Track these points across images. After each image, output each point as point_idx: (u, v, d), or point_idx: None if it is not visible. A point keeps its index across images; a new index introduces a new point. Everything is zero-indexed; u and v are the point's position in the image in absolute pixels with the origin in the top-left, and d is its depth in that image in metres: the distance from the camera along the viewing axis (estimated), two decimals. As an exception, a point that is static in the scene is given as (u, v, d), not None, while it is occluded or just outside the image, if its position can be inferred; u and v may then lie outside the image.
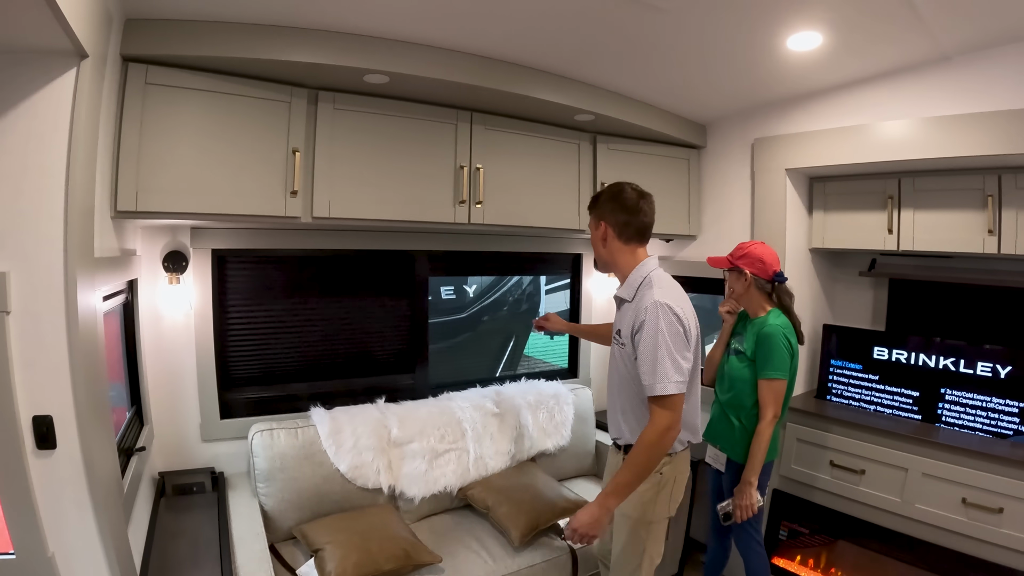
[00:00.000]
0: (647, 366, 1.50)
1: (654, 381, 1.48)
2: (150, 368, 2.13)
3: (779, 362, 1.95)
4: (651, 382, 1.49)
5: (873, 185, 2.40)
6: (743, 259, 2.09)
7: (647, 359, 1.50)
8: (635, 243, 1.67)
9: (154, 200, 1.67)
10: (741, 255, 2.10)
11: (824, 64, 2.12)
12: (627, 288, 1.64)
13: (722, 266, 2.17)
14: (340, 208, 1.97)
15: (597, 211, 1.68)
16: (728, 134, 2.85)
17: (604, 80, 2.30)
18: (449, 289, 3.49)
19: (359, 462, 2.16)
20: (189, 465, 2.23)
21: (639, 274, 1.63)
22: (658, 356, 1.48)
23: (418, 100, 2.12)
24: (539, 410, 2.67)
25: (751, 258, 2.07)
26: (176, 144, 1.71)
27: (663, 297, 1.53)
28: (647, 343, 1.50)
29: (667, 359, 1.48)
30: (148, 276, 2.13)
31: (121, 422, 1.89)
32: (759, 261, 2.06)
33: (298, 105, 1.89)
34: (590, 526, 1.52)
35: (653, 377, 1.48)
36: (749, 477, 1.95)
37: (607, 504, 1.52)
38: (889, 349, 2.44)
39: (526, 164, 2.42)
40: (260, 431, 2.11)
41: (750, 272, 2.07)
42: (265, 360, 2.40)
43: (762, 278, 2.06)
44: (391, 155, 2.08)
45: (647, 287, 1.57)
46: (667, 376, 1.47)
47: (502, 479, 2.42)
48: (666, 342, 1.48)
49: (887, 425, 2.24)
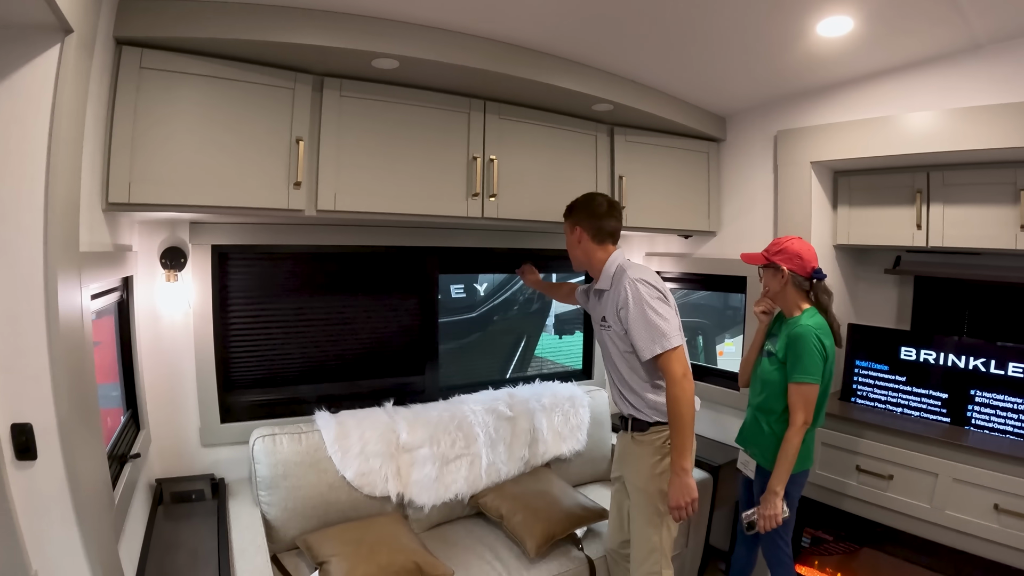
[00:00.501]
0: (640, 333, 1.66)
1: (652, 343, 1.64)
2: (147, 370, 2.03)
3: (810, 365, 1.85)
4: (649, 345, 1.65)
5: (900, 179, 2.30)
6: (779, 255, 1.99)
7: (638, 327, 1.66)
8: (608, 242, 1.87)
9: (148, 192, 1.56)
10: (777, 251, 2.00)
11: (852, 52, 2.02)
12: (604, 279, 1.83)
13: (757, 262, 2.07)
14: (346, 201, 1.86)
15: (572, 218, 1.91)
16: (749, 126, 2.75)
17: (624, 67, 2.19)
18: (459, 287, 3.38)
19: (366, 469, 2.06)
20: (188, 471, 2.13)
21: (611, 265, 1.82)
22: (647, 320, 1.65)
23: (429, 87, 2.01)
24: (554, 413, 2.56)
25: (788, 254, 1.97)
26: (172, 133, 1.60)
27: (636, 274, 1.73)
28: (634, 314, 1.66)
29: (657, 319, 1.64)
30: (145, 273, 2.03)
31: (115, 427, 1.80)
32: (797, 257, 1.95)
33: (302, 92, 1.78)
34: (685, 493, 1.64)
35: (651, 340, 1.64)
36: (775, 486, 1.86)
37: (684, 466, 1.63)
38: (917, 349, 2.35)
39: (542, 156, 2.31)
40: (262, 436, 2.00)
41: (787, 269, 1.96)
42: (267, 361, 2.30)
43: (800, 275, 1.96)
44: (400, 145, 1.97)
45: (620, 273, 1.77)
46: (662, 334, 1.64)
47: (516, 486, 2.32)
48: (651, 307, 1.65)
49: (916, 429, 2.16)
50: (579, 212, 1.89)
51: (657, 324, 1.65)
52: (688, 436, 1.65)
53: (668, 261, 3.14)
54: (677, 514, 1.67)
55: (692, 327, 3.61)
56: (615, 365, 1.83)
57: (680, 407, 1.63)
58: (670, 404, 1.65)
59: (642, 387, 1.78)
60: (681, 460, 1.64)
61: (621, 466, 1.96)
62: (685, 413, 1.63)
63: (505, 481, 2.35)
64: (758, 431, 2.02)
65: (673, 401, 1.64)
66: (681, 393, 1.63)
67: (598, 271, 1.87)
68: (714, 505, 2.62)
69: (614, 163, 2.52)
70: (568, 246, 1.95)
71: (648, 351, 1.66)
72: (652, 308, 1.67)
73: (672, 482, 1.67)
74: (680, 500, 1.65)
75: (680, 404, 1.63)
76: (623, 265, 1.81)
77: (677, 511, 1.67)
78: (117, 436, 1.77)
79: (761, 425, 2.00)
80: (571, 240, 1.92)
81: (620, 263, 1.82)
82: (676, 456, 1.65)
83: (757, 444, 2.03)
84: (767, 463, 1.96)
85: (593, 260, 1.88)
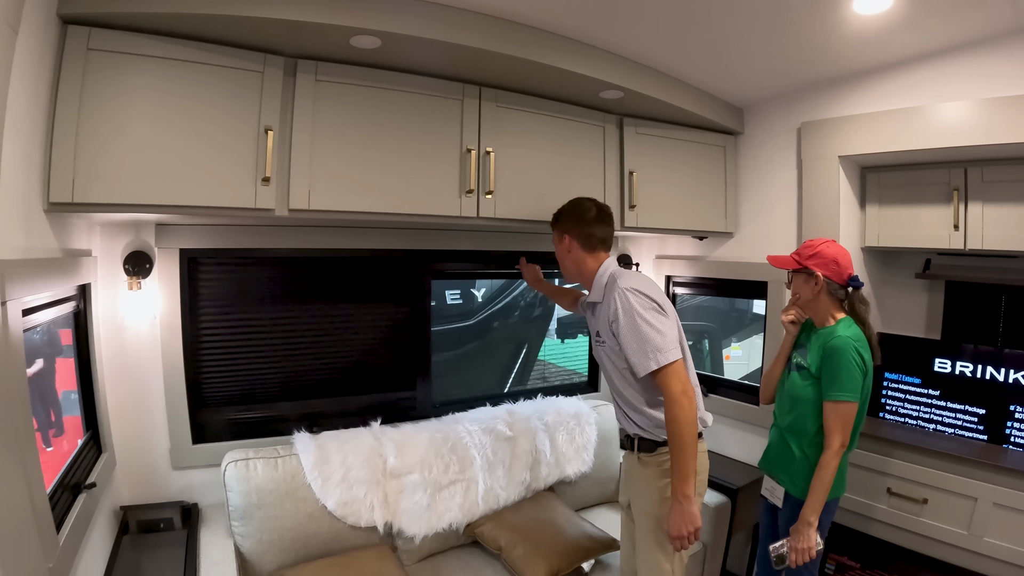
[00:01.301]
0: (633, 347, 1.54)
1: (646, 359, 1.52)
2: (110, 387, 1.85)
3: (849, 382, 1.67)
4: (643, 360, 1.53)
5: (935, 175, 2.12)
6: (813, 259, 1.79)
7: (630, 342, 1.54)
8: (599, 250, 1.76)
9: (96, 190, 1.37)
10: (811, 254, 1.80)
11: (888, 33, 1.84)
12: (595, 291, 1.71)
13: (787, 267, 1.87)
14: (322, 199, 1.66)
15: (560, 226, 1.79)
16: (769, 118, 2.54)
17: (635, 49, 1.98)
18: (455, 293, 3.18)
19: (349, 497, 1.86)
20: (158, 496, 1.95)
21: (602, 275, 1.70)
22: (640, 334, 1.53)
23: (416, 71, 1.81)
24: (558, 432, 2.35)
25: (823, 258, 1.78)
26: (124, 123, 1.41)
27: (627, 284, 1.60)
28: (626, 326, 1.55)
29: (650, 332, 1.52)
30: (107, 280, 1.85)
31: (69, 452, 1.61)
32: (833, 262, 1.77)
33: (272, 75, 1.58)
34: (687, 523, 1.52)
35: (644, 355, 1.52)
36: (808, 516, 1.68)
37: (686, 492, 1.51)
38: (952, 361, 2.18)
39: (544, 149, 2.10)
40: (234, 461, 1.81)
41: (822, 275, 1.77)
42: (243, 376, 2.10)
43: (835, 282, 1.78)
44: (384, 137, 1.77)
45: (612, 283, 1.65)
46: (656, 348, 1.51)
47: (516, 514, 2.11)
48: (643, 318, 1.53)
49: (951, 448, 2.03)
50: (566, 219, 1.78)
51: (651, 337, 1.52)
52: (690, 460, 1.51)
53: (680, 264, 2.93)
54: (677, 544, 1.55)
55: (697, 331, 3.42)
56: (614, 383, 1.71)
57: (679, 427, 1.49)
58: (669, 425, 1.52)
59: (645, 405, 1.64)
60: (683, 486, 1.51)
61: (628, 489, 1.79)
62: (685, 434, 1.50)
63: (504, 508, 2.14)
64: (787, 455, 1.83)
65: (672, 422, 1.51)
66: (680, 412, 1.49)
67: (590, 282, 1.75)
68: (732, 530, 2.43)
69: (623, 157, 2.31)
70: (558, 256, 1.84)
71: (642, 367, 1.53)
72: (645, 320, 1.54)
73: (673, 509, 1.53)
74: (681, 530, 1.52)
75: (679, 424, 1.49)
76: (614, 274, 1.69)
77: (678, 541, 1.55)
78: (71, 462, 1.58)
79: (791, 448, 1.82)
80: (560, 250, 1.81)
81: (611, 272, 1.70)
82: (677, 482, 1.52)
83: (786, 470, 1.83)
84: (798, 491, 1.77)
85: (584, 270, 1.76)
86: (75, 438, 1.74)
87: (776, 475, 1.88)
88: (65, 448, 1.72)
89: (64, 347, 1.75)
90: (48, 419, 1.97)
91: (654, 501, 1.63)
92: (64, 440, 1.86)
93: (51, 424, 1.97)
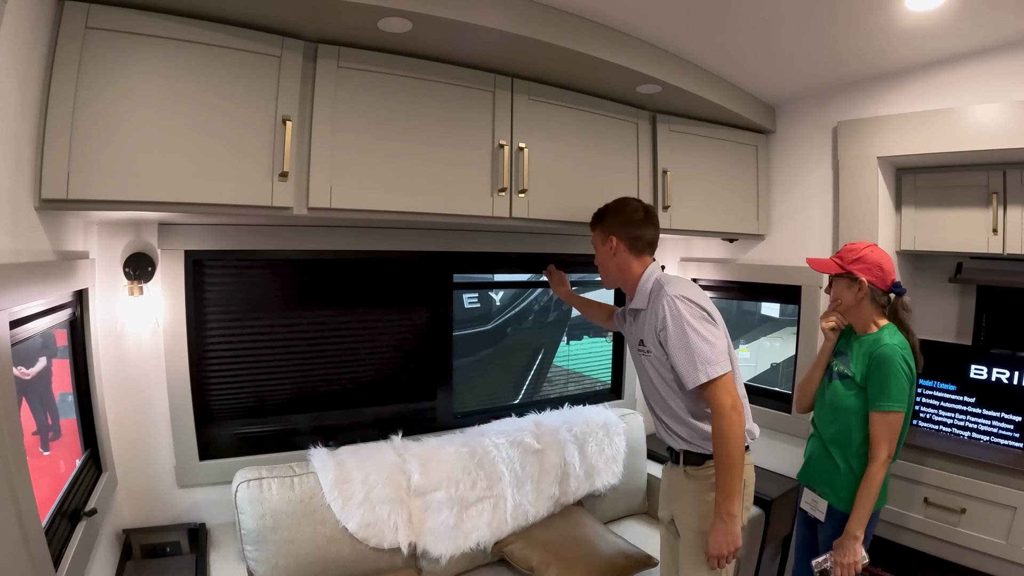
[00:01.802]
0: (682, 358, 1.47)
1: (695, 371, 1.45)
2: (110, 400, 1.70)
3: (897, 391, 1.62)
4: (692, 373, 1.46)
5: (974, 178, 2.06)
6: (857, 264, 1.73)
7: (679, 352, 1.48)
8: (646, 254, 1.67)
9: (94, 185, 1.22)
10: (855, 259, 1.74)
11: (935, 32, 1.77)
12: (640, 298, 1.63)
13: (829, 270, 1.80)
14: (345, 197, 1.52)
15: (604, 226, 1.68)
16: (802, 117, 2.45)
17: (673, 42, 1.85)
18: (473, 296, 3.04)
19: (372, 518, 1.72)
20: (163, 518, 1.80)
21: (647, 281, 1.62)
22: (690, 345, 1.46)
23: (446, 60, 1.67)
24: (587, 443, 2.23)
25: (867, 263, 1.72)
26: (126, 111, 1.26)
27: (675, 291, 1.53)
28: (675, 337, 1.48)
29: (701, 344, 1.46)
30: (106, 285, 1.69)
31: (67, 456, 1.47)
32: (877, 268, 1.72)
33: (291, 61, 1.43)
34: (729, 542, 1.46)
35: (693, 367, 1.46)
36: (854, 530, 1.62)
37: (731, 511, 1.45)
38: (988, 368, 2.14)
39: (577, 145, 1.96)
40: (247, 481, 1.66)
41: (867, 280, 1.71)
42: (253, 387, 1.95)
43: (879, 288, 1.73)
44: (411, 129, 1.62)
45: (658, 289, 1.57)
46: (707, 360, 1.45)
47: (546, 531, 1.98)
48: (693, 328, 1.47)
49: (987, 456, 2.00)
50: (612, 219, 1.67)
51: (700, 348, 1.46)
52: (737, 477, 1.45)
53: (708, 267, 2.81)
54: (714, 563, 1.49)
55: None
56: (659, 394, 1.61)
57: (727, 444, 1.44)
58: (717, 440, 1.46)
59: (690, 416, 1.57)
60: (727, 504, 1.45)
61: (671, 503, 1.69)
62: (734, 451, 1.44)
63: (533, 525, 2.02)
64: (830, 467, 1.77)
65: (720, 437, 1.45)
66: (729, 428, 1.43)
67: (633, 288, 1.66)
68: (764, 542, 2.33)
69: (656, 156, 2.18)
70: (599, 260, 1.71)
71: (691, 379, 1.46)
72: (695, 329, 1.47)
73: (716, 527, 1.47)
74: (722, 549, 1.46)
75: (727, 440, 1.43)
76: (660, 280, 1.60)
77: (716, 560, 1.49)
78: (69, 486, 1.44)
79: (834, 460, 1.75)
80: (603, 253, 1.69)
81: (657, 277, 1.62)
82: (722, 499, 1.45)
83: (830, 482, 1.77)
84: (842, 504, 1.71)
85: (628, 275, 1.66)
86: (73, 442, 1.60)
87: (818, 488, 1.81)
88: (63, 453, 1.58)
89: (60, 348, 1.60)
90: (45, 422, 1.84)
91: (702, 516, 1.56)
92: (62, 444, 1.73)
93: (49, 427, 1.84)
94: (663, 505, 1.76)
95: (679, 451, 1.61)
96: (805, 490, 1.88)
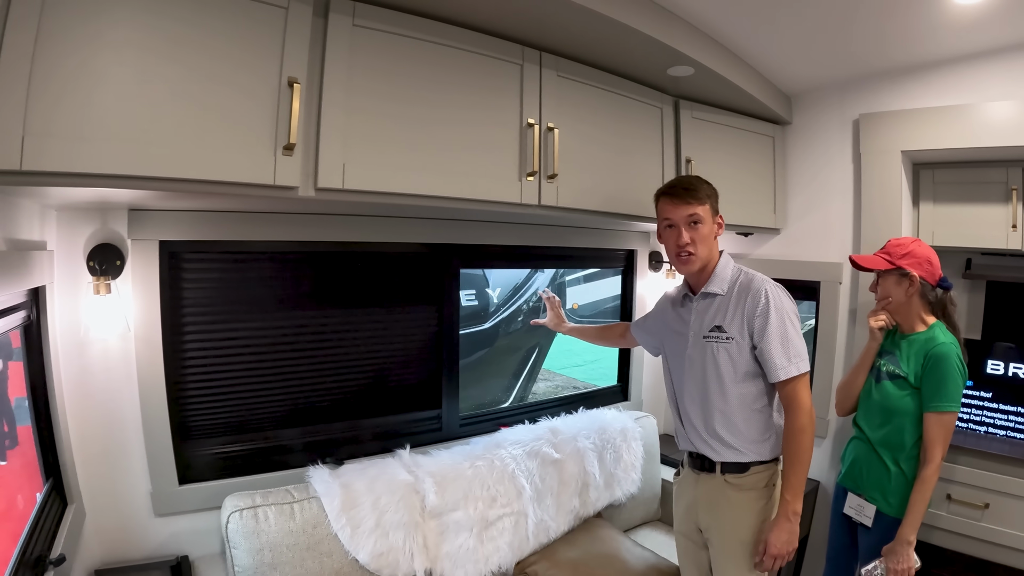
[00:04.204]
0: (778, 348, 1.43)
1: (788, 362, 1.43)
2: (73, 419, 1.44)
3: (954, 391, 1.59)
4: (785, 364, 1.43)
5: (993, 174, 2.06)
6: (907, 259, 1.69)
7: (777, 342, 1.43)
8: None
9: (57, 154, 0.98)
10: (904, 253, 1.70)
11: (980, 22, 1.70)
12: (718, 282, 1.54)
13: (878, 267, 1.74)
14: (360, 176, 1.30)
15: (712, 202, 1.57)
16: (821, 109, 2.38)
17: (709, 18, 1.72)
18: (470, 293, 2.85)
19: (385, 547, 1.52)
20: (139, 552, 1.56)
21: (727, 267, 1.56)
22: (787, 335, 1.43)
23: (472, 26, 1.48)
24: (605, 451, 2.08)
25: (917, 258, 1.69)
26: (98, 63, 1.02)
27: (772, 282, 1.50)
28: (776, 326, 1.43)
29: (796, 338, 1.45)
30: (67, 282, 1.44)
31: (26, 510, 1.21)
32: (927, 262, 1.69)
33: (299, 13, 1.21)
34: (789, 543, 1.43)
35: (787, 358, 1.43)
36: (908, 535, 1.58)
37: (796, 510, 1.43)
38: (1005, 363, 2.14)
39: (604, 129, 1.80)
40: (239, 510, 1.43)
41: (918, 275, 1.67)
42: (239, 399, 1.71)
43: (928, 283, 1.70)
44: (433, 101, 1.42)
45: (747, 276, 1.53)
46: (798, 354, 1.44)
47: (571, 548, 1.83)
48: (792, 323, 1.45)
49: (1005, 450, 2.00)
50: (714, 197, 1.57)
51: (796, 342, 1.44)
52: (805, 475, 1.45)
53: (720, 262, 2.71)
54: (770, 562, 1.44)
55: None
56: (719, 390, 1.49)
57: (804, 440, 1.43)
58: (793, 437, 1.43)
59: (748, 420, 1.49)
60: (795, 502, 1.42)
61: (704, 515, 1.56)
62: (808, 448, 1.44)
63: (556, 541, 1.87)
64: (880, 471, 1.71)
65: (798, 433, 1.43)
66: (809, 425, 1.43)
67: (710, 272, 1.55)
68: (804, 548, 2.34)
69: (679, 143, 2.05)
70: (698, 240, 1.53)
71: (783, 371, 1.43)
72: (793, 324, 1.46)
73: (780, 526, 1.42)
74: (784, 549, 1.42)
75: (805, 437, 1.43)
76: (744, 269, 1.56)
77: (772, 559, 1.43)
78: (31, 528, 1.19)
79: (885, 463, 1.70)
80: (704, 232, 1.53)
81: (736, 264, 1.58)
82: (791, 497, 1.42)
83: (879, 487, 1.71)
84: (892, 509, 1.67)
85: (714, 257, 1.57)
86: (30, 451, 1.34)
87: (867, 492, 1.75)
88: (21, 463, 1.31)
89: (14, 350, 1.34)
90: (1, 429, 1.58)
91: (752, 527, 1.48)
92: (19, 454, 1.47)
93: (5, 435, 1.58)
94: (682, 517, 1.64)
95: (717, 463, 1.51)
96: (850, 495, 1.81)
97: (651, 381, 2.72)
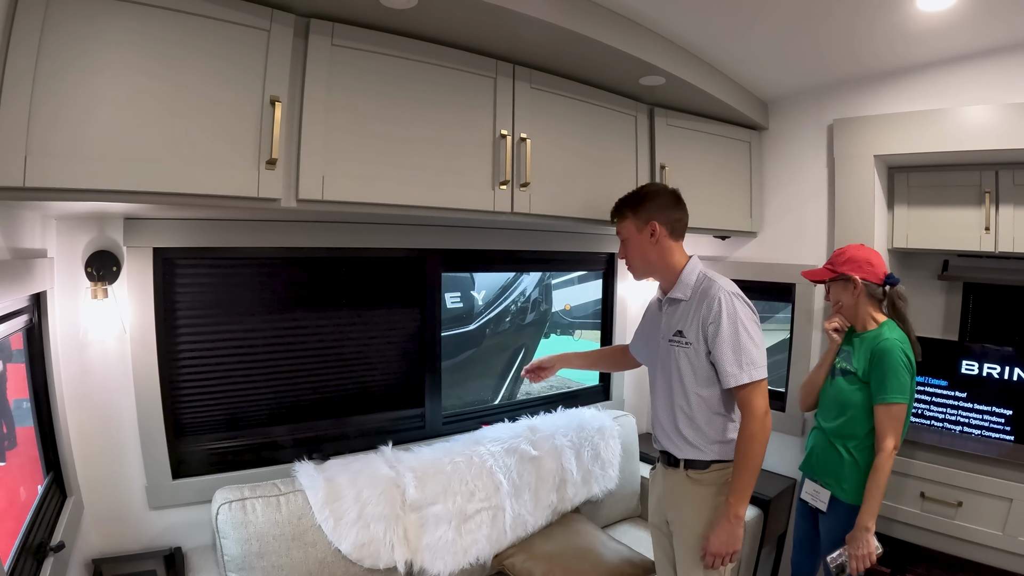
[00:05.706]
0: (728, 356, 1.45)
1: (739, 370, 1.45)
2: (73, 416, 1.53)
3: (899, 384, 1.68)
4: (736, 372, 1.45)
5: (965, 177, 2.10)
6: (848, 264, 1.80)
7: (727, 349, 1.45)
8: (681, 240, 1.64)
9: (55, 170, 1.07)
10: (844, 260, 1.82)
11: (946, 30, 1.77)
12: (681, 287, 1.58)
13: (823, 278, 1.87)
14: (338, 188, 1.39)
15: (645, 211, 1.59)
16: (797, 114, 2.45)
17: (680, 30, 1.80)
18: (455, 296, 2.93)
19: (366, 538, 1.60)
20: (135, 543, 1.64)
21: (692, 272, 1.58)
22: (740, 343, 1.45)
23: (448, 42, 1.56)
24: (583, 448, 2.15)
25: (857, 262, 1.80)
26: (95, 86, 1.11)
27: (730, 288, 1.52)
28: (727, 333, 1.46)
29: (750, 345, 1.46)
30: (67, 287, 1.52)
31: (28, 500, 1.30)
32: (866, 263, 1.79)
33: (281, 35, 1.30)
34: (729, 544, 1.46)
35: (738, 366, 1.45)
36: (866, 522, 1.66)
37: (738, 513, 1.46)
38: (980, 363, 2.17)
39: (577, 138, 1.88)
40: (228, 503, 1.51)
41: (860, 278, 1.77)
42: (230, 398, 1.80)
43: (873, 283, 1.79)
44: (410, 115, 1.51)
45: (708, 282, 1.54)
46: (752, 362, 1.45)
47: (547, 541, 1.90)
48: (745, 329, 1.46)
49: (980, 449, 2.04)
50: (651, 204, 1.59)
51: (749, 349, 1.45)
52: (752, 481, 1.47)
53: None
54: (710, 560, 1.48)
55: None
56: (682, 389, 1.55)
57: (753, 447, 1.45)
58: (744, 442, 1.46)
59: (710, 422, 1.54)
60: (739, 506, 1.46)
61: (669, 508, 1.64)
62: (757, 455, 1.45)
63: (533, 535, 1.93)
64: (834, 459, 1.81)
65: (748, 439, 1.45)
66: (760, 432, 1.44)
67: (673, 277, 1.60)
68: (763, 543, 2.31)
69: (654, 150, 2.13)
70: (633, 248, 1.61)
71: (733, 378, 1.45)
72: (747, 330, 1.47)
73: (720, 526, 1.46)
74: (724, 549, 1.46)
75: (754, 443, 1.45)
76: (708, 275, 1.57)
77: (712, 558, 1.48)
78: (32, 517, 1.27)
79: (839, 452, 1.80)
80: (639, 240, 1.60)
81: (701, 269, 1.59)
82: (734, 500, 1.46)
83: (834, 473, 1.81)
84: (846, 495, 1.76)
85: (670, 262, 1.59)
86: (31, 452, 1.43)
87: (821, 479, 1.85)
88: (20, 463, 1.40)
89: (15, 352, 1.43)
90: None
91: (708, 520, 1.53)
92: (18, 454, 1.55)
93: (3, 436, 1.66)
94: (654, 509, 1.72)
95: (680, 459, 1.57)
96: (807, 481, 1.91)
97: (633, 381, 2.79)
